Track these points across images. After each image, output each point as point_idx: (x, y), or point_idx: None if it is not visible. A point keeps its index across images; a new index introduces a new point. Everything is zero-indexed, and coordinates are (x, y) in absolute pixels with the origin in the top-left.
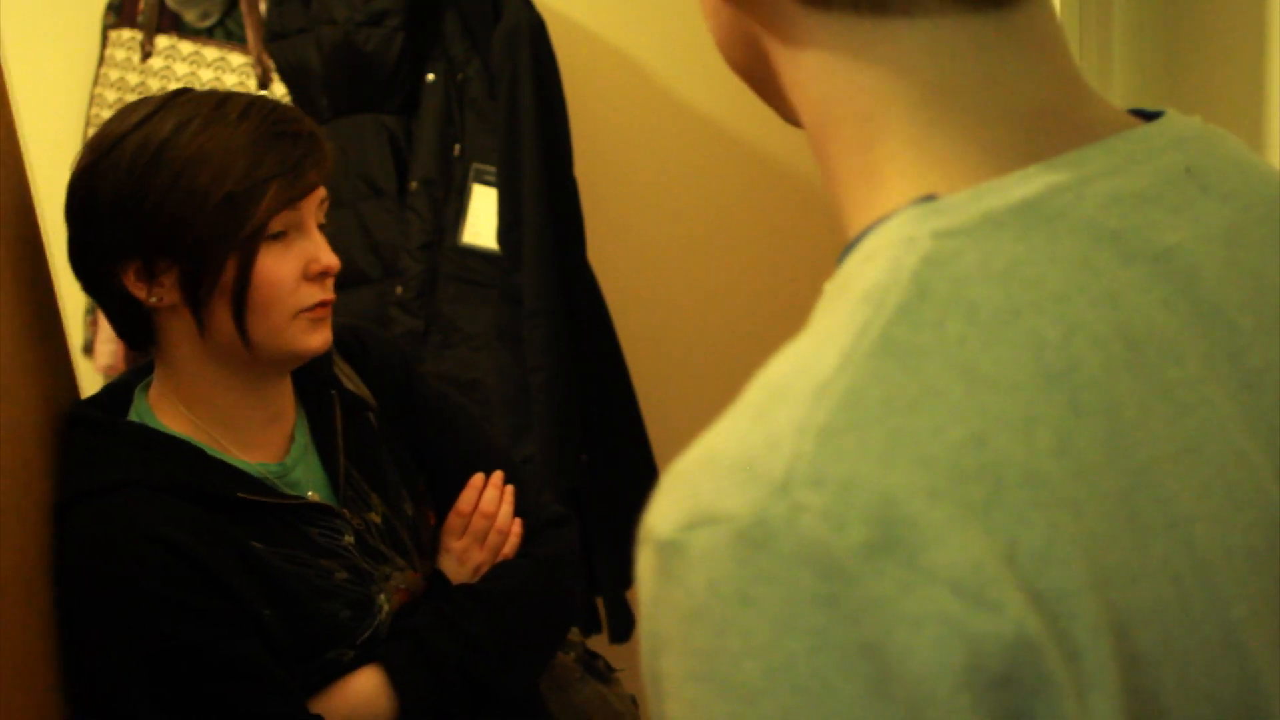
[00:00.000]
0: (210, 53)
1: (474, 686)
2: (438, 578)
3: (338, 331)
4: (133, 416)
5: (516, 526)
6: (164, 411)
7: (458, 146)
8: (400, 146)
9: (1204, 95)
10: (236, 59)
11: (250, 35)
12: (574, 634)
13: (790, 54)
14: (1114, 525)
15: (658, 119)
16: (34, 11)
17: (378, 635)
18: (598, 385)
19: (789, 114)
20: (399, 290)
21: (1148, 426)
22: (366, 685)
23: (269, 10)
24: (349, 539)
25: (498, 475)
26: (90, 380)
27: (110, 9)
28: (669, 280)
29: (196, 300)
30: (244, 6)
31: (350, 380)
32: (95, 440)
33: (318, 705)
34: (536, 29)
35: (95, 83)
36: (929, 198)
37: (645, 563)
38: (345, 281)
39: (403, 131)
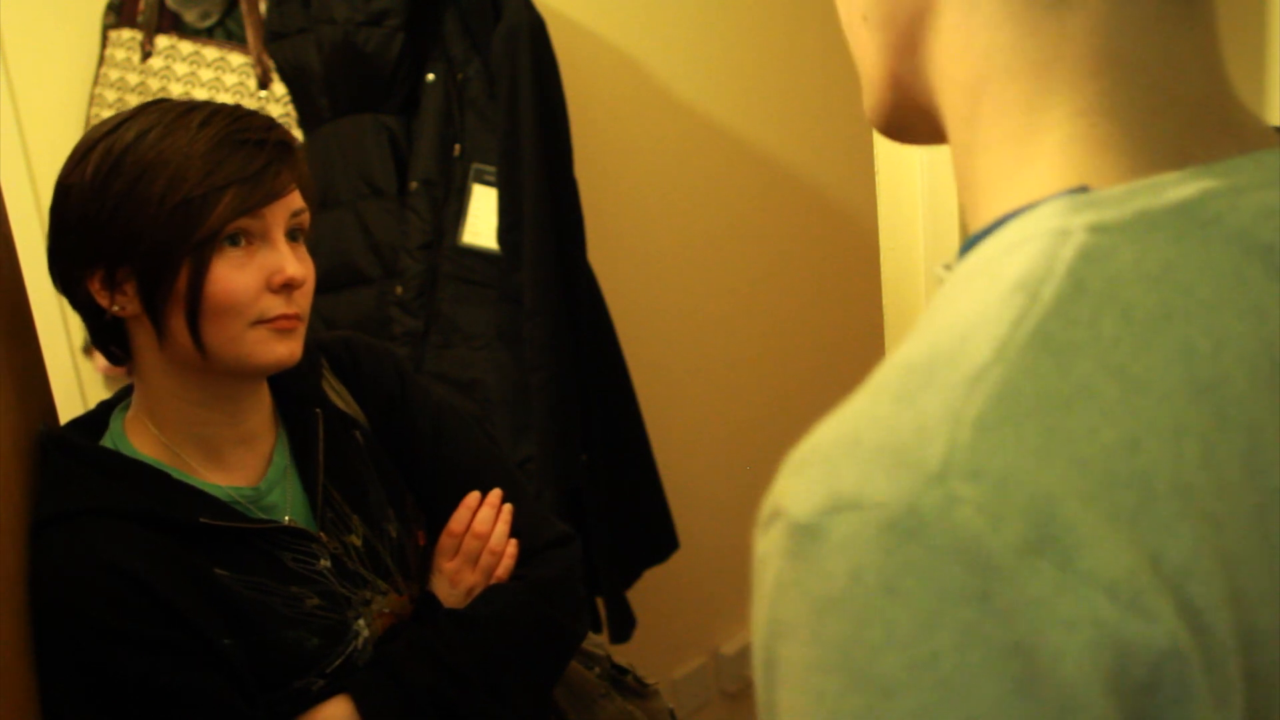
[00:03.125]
0: (210, 53)
1: (451, 716)
2: (427, 600)
3: (330, 345)
4: (106, 441)
5: (511, 548)
6: (136, 434)
7: (458, 146)
8: (400, 146)
9: None
10: (236, 59)
11: (250, 35)
12: (599, 648)
13: None
14: (1248, 544)
15: (658, 119)
16: (34, 11)
17: (354, 661)
18: (598, 385)
19: (903, 66)
20: (399, 290)
21: None
22: (334, 716)
23: (269, 10)
24: (325, 563)
25: (494, 494)
26: (92, 381)
27: (110, 9)
28: (669, 280)
29: (154, 308)
30: (244, 6)
31: (339, 397)
32: (66, 464)
33: None
34: (537, 29)
35: (95, 83)
36: (1081, 189)
37: (773, 544)
38: (345, 281)
39: (403, 131)
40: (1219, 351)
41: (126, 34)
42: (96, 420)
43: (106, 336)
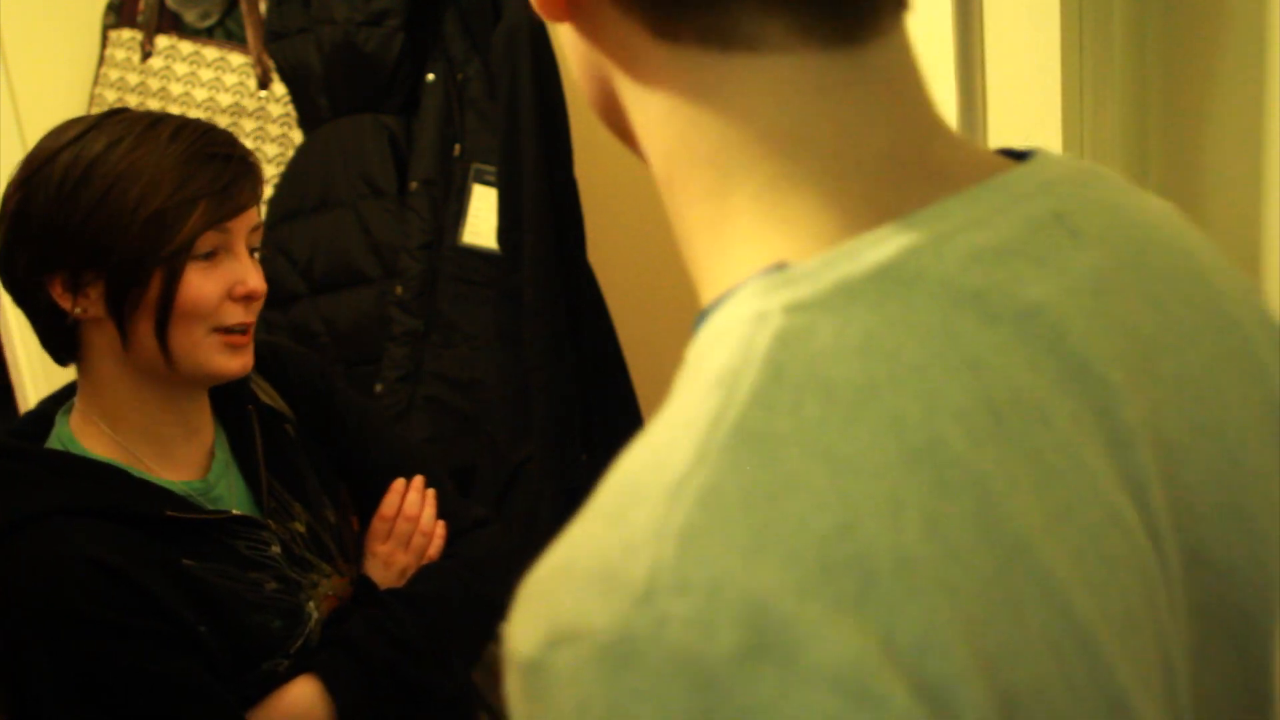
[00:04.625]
0: (210, 53)
1: (407, 689)
2: (364, 582)
3: (255, 349)
4: (53, 443)
5: (440, 529)
6: (86, 434)
7: (458, 146)
8: (400, 146)
9: (1204, 97)
10: (236, 59)
11: (250, 35)
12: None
13: (639, 93)
14: (990, 605)
15: None
16: (34, 11)
17: (309, 643)
18: (598, 385)
19: (627, 136)
20: (399, 290)
21: (1017, 497)
22: (304, 694)
23: (269, 10)
24: (275, 549)
25: (419, 479)
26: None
27: (110, 9)
28: (669, 280)
29: (120, 314)
30: (244, 6)
31: (267, 395)
32: (19, 469)
33: (256, 717)
34: (537, 29)
35: (95, 83)
36: (779, 266)
37: (512, 684)
38: (345, 281)
39: (403, 131)
40: (931, 415)
41: (126, 34)
42: (35, 426)
43: (58, 338)
